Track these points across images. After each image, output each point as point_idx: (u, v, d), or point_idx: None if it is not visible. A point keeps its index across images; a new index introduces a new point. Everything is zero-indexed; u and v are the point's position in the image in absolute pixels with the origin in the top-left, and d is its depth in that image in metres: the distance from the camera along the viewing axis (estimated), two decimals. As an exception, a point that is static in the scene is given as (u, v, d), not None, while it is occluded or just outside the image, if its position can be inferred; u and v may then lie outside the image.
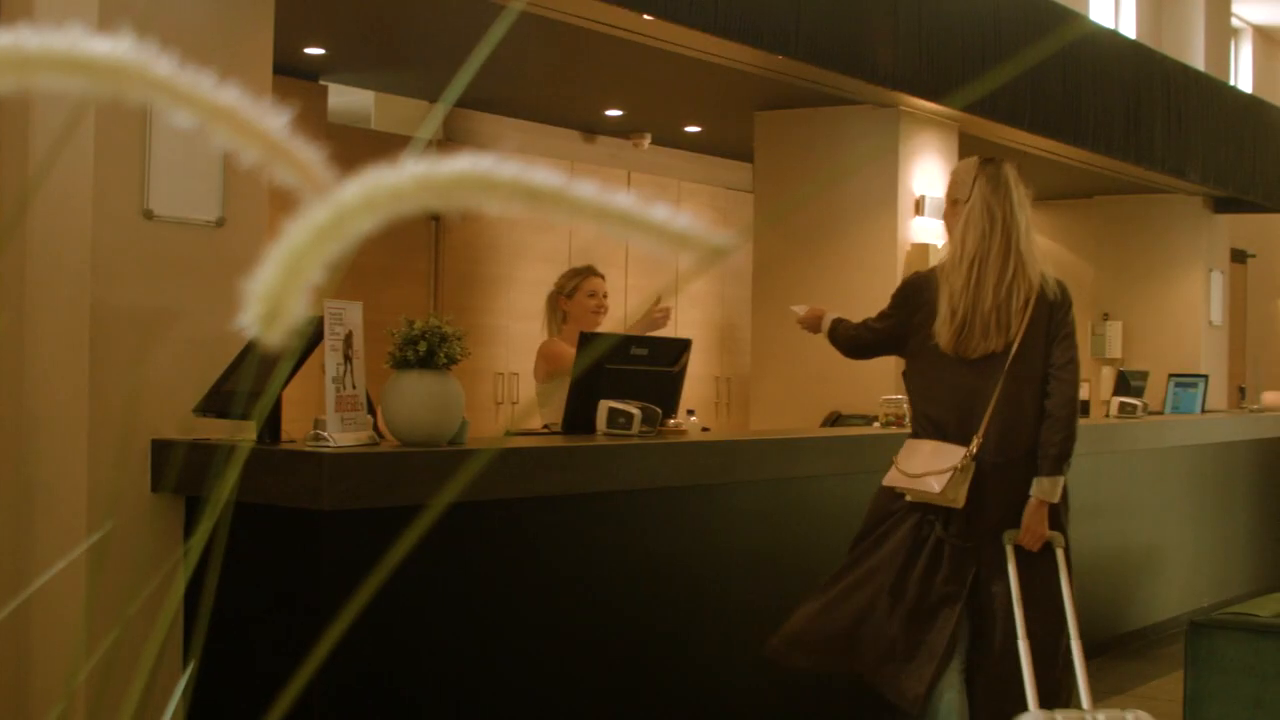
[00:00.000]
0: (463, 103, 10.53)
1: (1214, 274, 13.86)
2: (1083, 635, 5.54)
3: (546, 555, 5.63)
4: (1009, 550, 5.41)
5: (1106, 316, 13.80)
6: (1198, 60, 13.78)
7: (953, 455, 5.40)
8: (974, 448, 5.39)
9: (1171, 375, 11.95)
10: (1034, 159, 11.35)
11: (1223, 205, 13.94)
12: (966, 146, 10.29)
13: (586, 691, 5.77)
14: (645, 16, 7.18)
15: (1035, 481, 5.47)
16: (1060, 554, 5.46)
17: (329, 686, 4.76)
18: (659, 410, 6.14)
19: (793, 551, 6.92)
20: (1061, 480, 5.48)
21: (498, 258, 10.72)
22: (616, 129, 11.48)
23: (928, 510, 5.50)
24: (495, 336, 10.69)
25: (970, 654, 5.50)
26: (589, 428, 6.06)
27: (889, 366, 9.28)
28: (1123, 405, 10.30)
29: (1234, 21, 15.45)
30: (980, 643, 5.50)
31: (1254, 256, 16.15)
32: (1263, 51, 16.49)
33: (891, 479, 5.61)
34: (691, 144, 12.10)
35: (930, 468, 5.42)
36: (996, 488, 5.45)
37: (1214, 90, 12.94)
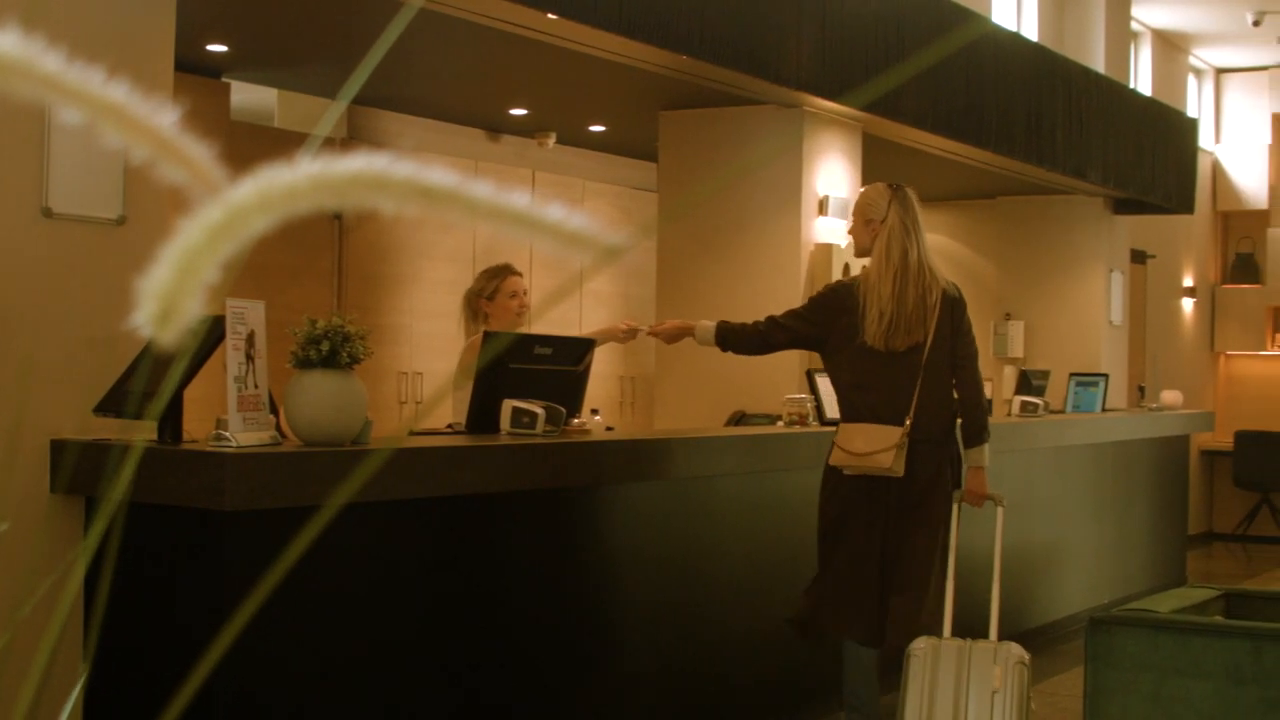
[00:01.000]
0: (367, 100, 10.49)
1: (1114, 274, 13.99)
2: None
3: (449, 555, 5.61)
4: (955, 509, 6.56)
5: (1008, 316, 13.91)
6: (1098, 63, 13.88)
7: (891, 434, 6.36)
8: (907, 427, 6.37)
9: (1072, 374, 12.06)
10: (937, 160, 11.42)
11: (1123, 206, 14.08)
12: (870, 147, 10.34)
13: (489, 690, 5.76)
14: (550, 16, 7.17)
15: (965, 454, 6.60)
16: (1001, 512, 6.69)
17: (229, 687, 4.73)
18: (563, 410, 6.14)
19: (697, 550, 6.93)
20: (986, 448, 6.61)
21: (402, 257, 10.67)
22: (521, 128, 11.46)
23: (869, 481, 6.47)
24: (399, 336, 10.65)
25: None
26: (493, 427, 6.05)
27: (793, 366, 9.32)
28: (1024, 404, 10.39)
29: (1134, 25, 15.58)
30: (897, 580, 6.51)
31: (1153, 257, 16.31)
32: (1162, 55, 16.64)
33: (838, 459, 6.49)
34: (596, 143, 12.09)
35: (875, 446, 6.36)
36: (920, 460, 6.42)
37: (1114, 93, 13.06)
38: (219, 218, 0.76)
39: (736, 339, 6.80)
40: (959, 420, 6.63)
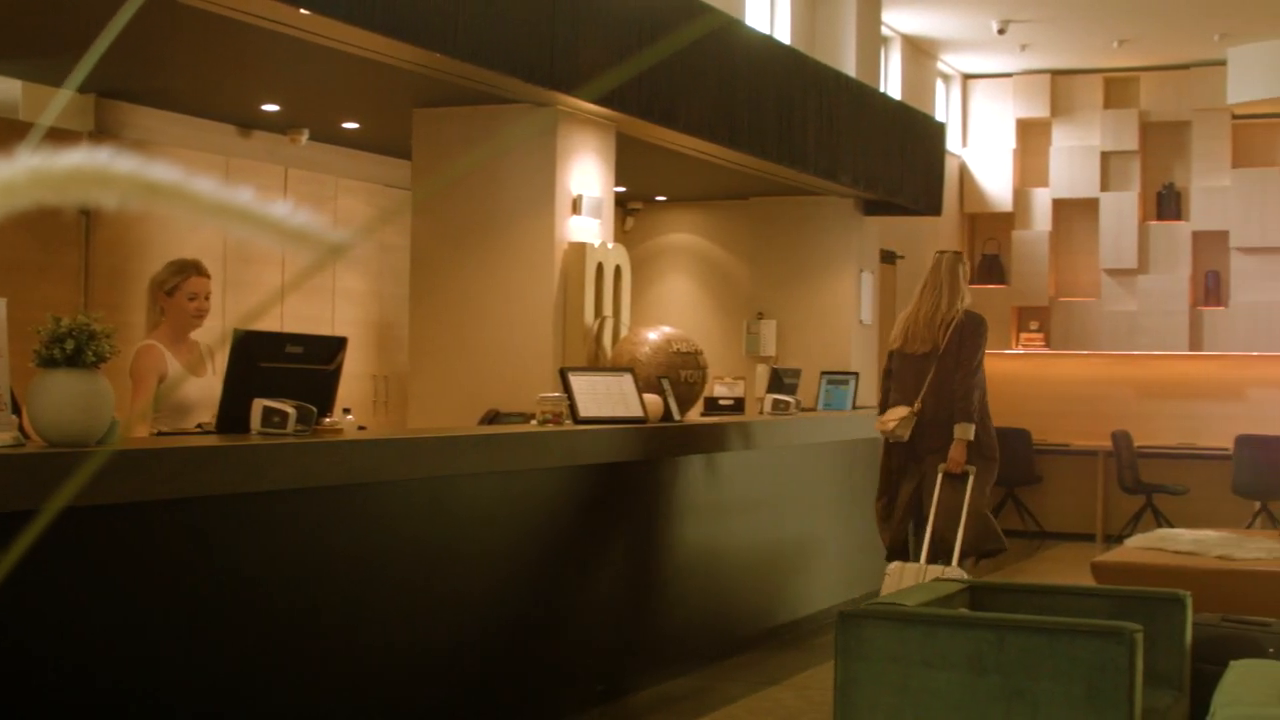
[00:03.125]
0: (116, 94, 10.29)
1: (864, 274, 14.23)
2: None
3: (200, 556, 5.53)
4: (940, 473, 9.13)
5: (761, 315, 14.07)
6: (849, 67, 14.09)
7: (904, 410, 9.27)
8: (916, 407, 9.24)
9: (823, 373, 12.24)
10: (690, 160, 11.51)
11: (872, 208, 14.32)
12: (624, 147, 10.39)
13: (244, 692, 5.69)
14: (302, 11, 7.11)
15: (955, 428, 9.15)
16: (972, 478, 9.14)
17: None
18: (314, 409, 6.08)
19: (451, 549, 6.91)
20: (969, 428, 9.17)
21: (150, 254, 10.47)
22: (273, 124, 11.32)
23: (896, 445, 9.42)
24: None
25: (917, 526, 9.38)
26: (243, 427, 5.97)
27: (547, 367, 9.32)
28: (776, 402, 10.51)
29: (884, 30, 15.83)
30: (922, 520, 9.29)
31: (902, 258, 16.60)
32: (911, 60, 16.93)
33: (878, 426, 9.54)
34: (350, 141, 11.99)
35: (893, 416, 9.31)
36: (930, 434, 9.24)
37: (864, 96, 13.28)
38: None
39: (974, 410, 9.32)
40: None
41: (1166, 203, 18.13)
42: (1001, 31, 16.15)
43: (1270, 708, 4.19)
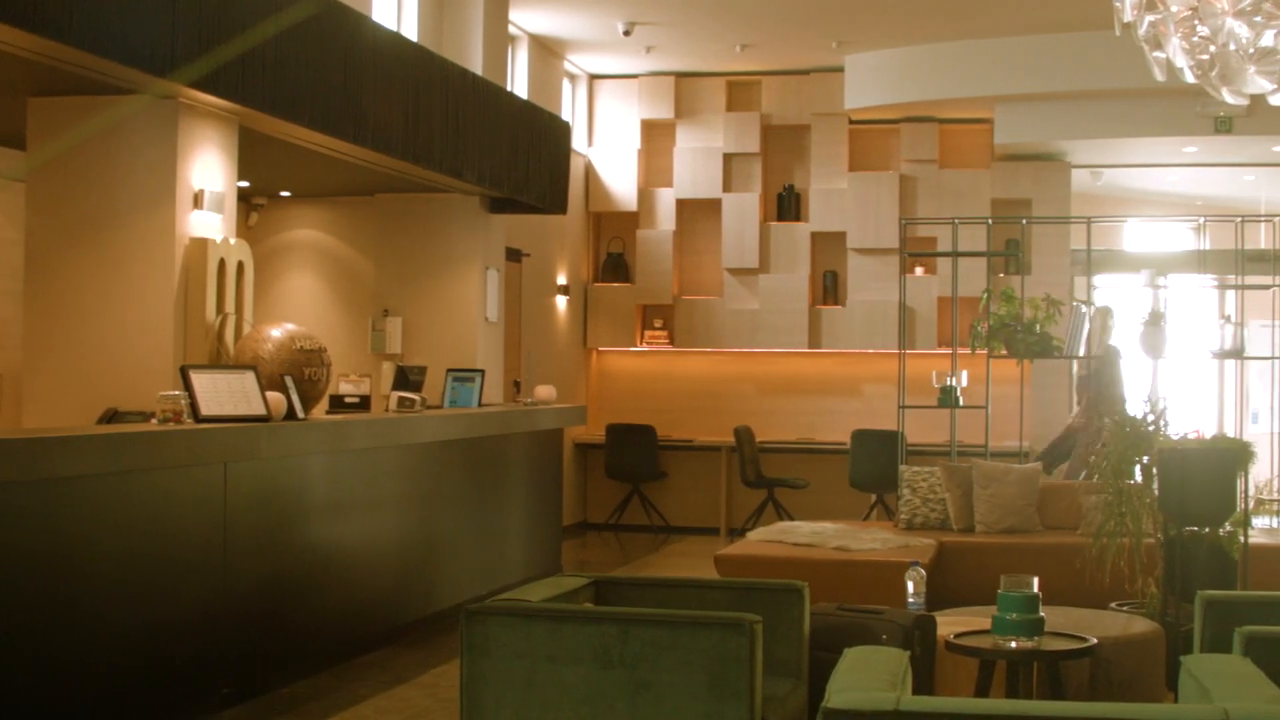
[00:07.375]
0: None
1: (490, 272, 14.26)
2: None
3: None
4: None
5: (386, 312, 14.00)
6: (476, 65, 14.10)
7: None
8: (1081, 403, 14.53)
9: (449, 370, 12.26)
10: (314, 155, 11.39)
11: (499, 205, 14.36)
12: (247, 141, 10.23)
13: None
14: (-95, -8, 6.83)
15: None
16: None
17: None
18: (-80, 408, 5.87)
19: (68, 553, 6.75)
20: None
21: None
22: (-123, 112, 10.86)
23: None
24: None
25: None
26: None
27: (167, 366, 9.13)
28: (401, 399, 10.49)
29: (512, 29, 15.89)
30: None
31: (529, 256, 16.69)
32: (538, 59, 17.03)
33: None
34: (-40, 130, 11.57)
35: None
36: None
37: (491, 95, 13.30)
38: None
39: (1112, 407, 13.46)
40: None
41: (786, 204, 18.59)
42: (627, 33, 16.35)
43: (880, 691, 4.33)
